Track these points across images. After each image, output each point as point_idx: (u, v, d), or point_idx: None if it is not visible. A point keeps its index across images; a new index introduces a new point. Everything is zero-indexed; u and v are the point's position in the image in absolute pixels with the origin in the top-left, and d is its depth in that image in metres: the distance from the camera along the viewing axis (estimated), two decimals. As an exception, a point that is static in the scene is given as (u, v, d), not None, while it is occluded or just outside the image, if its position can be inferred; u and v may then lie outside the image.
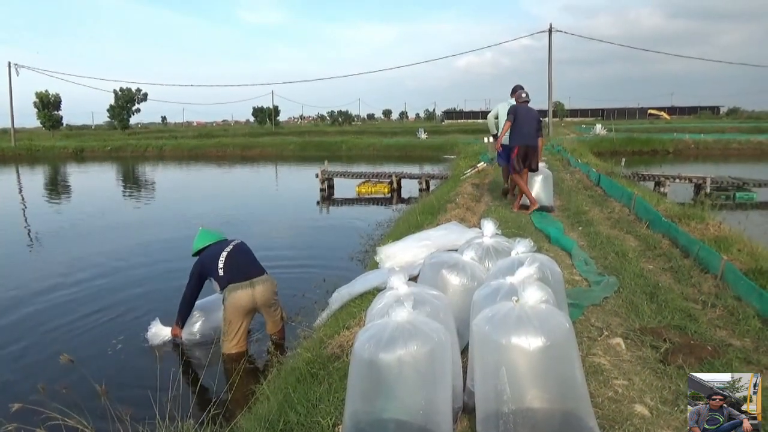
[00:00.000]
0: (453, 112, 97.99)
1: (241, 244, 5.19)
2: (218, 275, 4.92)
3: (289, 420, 2.62)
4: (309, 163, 25.97)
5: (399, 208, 12.69)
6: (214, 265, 4.96)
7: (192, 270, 5.10)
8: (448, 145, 27.77)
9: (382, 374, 2.08)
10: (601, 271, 4.52)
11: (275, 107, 77.80)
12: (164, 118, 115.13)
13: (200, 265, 5.07)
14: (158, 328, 5.21)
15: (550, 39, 29.76)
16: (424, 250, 4.87)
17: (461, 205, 7.66)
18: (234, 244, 5.13)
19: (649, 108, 77.22)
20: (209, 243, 5.18)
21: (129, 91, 62.08)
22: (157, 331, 5.19)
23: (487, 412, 2.16)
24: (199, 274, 5.07)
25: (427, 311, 2.39)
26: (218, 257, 4.97)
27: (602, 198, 8.45)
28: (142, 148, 38.57)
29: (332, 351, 3.38)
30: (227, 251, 5.00)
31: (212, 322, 5.24)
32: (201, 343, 5.18)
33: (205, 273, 5.05)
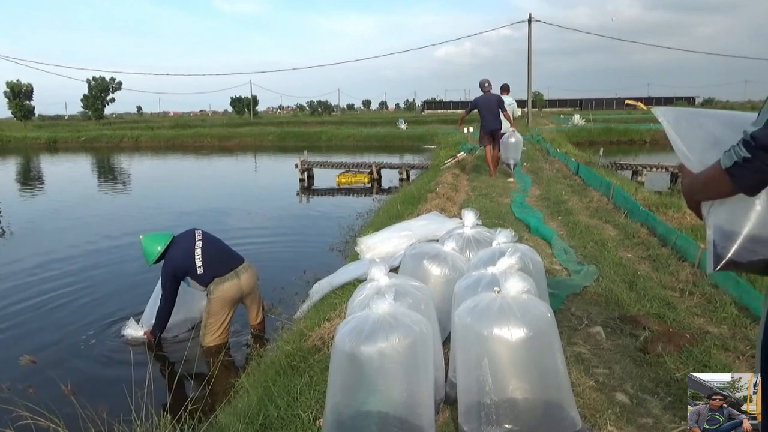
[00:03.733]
0: (433, 102, 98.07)
1: (207, 234, 4.95)
2: (197, 273, 4.72)
3: (269, 414, 2.58)
4: (288, 154, 25.76)
5: (379, 198, 12.65)
6: (188, 264, 4.71)
7: (163, 276, 4.80)
8: (428, 135, 27.77)
9: (363, 367, 2.06)
10: (580, 260, 4.54)
11: (254, 97, 77.17)
12: (140, 108, 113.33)
13: (172, 268, 4.75)
14: (134, 329, 5.01)
15: (530, 29, 29.82)
16: (405, 240, 4.86)
17: (441, 195, 7.65)
18: (201, 236, 4.88)
19: (626, 98, 78.00)
20: (166, 244, 4.85)
21: (103, 81, 60.95)
22: (133, 332, 4.99)
23: (470, 404, 2.15)
24: (174, 277, 4.78)
25: (408, 303, 2.36)
26: (192, 255, 4.72)
27: (581, 187, 8.51)
28: (117, 138, 37.83)
29: (313, 343, 3.34)
30: (199, 247, 4.77)
31: (181, 315, 5.08)
32: (175, 338, 5.09)
33: (179, 275, 4.78)
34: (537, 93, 63.37)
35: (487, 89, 9.46)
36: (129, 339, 4.97)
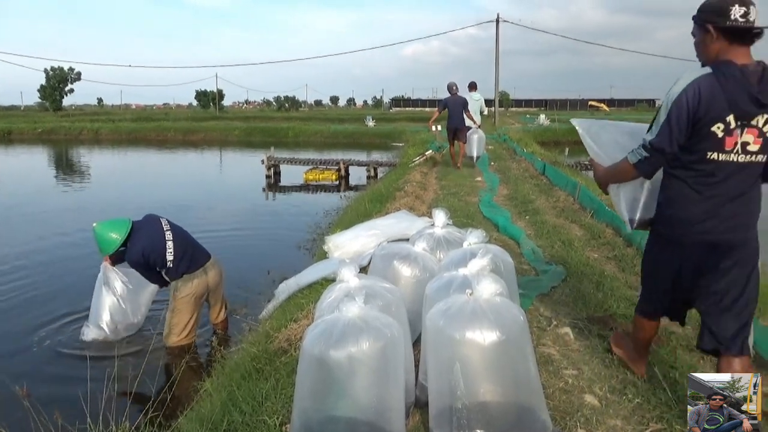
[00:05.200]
0: (401, 100, 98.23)
1: (174, 225, 4.72)
2: (167, 267, 4.51)
3: (234, 420, 2.50)
4: (254, 149, 25.40)
5: (347, 195, 12.56)
6: (158, 256, 4.47)
7: (134, 267, 4.56)
8: (396, 133, 27.75)
9: (332, 372, 2.00)
10: (548, 260, 4.57)
11: (219, 91, 75.80)
12: (100, 99, 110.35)
13: (141, 256, 4.45)
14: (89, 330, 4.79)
15: (498, 29, 30.13)
16: (374, 239, 4.81)
17: (410, 194, 7.63)
18: (169, 227, 4.64)
19: (589, 100, 79.70)
20: (125, 233, 4.47)
21: (61, 71, 59.11)
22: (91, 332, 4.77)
23: (441, 408, 2.12)
24: (147, 265, 4.52)
25: (379, 305, 2.31)
26: (163, 246, 4.49)
27: (548, 187, 8.61)
28: (76, 130, 36.71)
29: (279, 345, 3.25)
30: (170, 239, 4.54)
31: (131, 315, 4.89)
32: (133, 338, 4.90)
33: (150, 265, 4.53)
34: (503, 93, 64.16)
35: (454, 92, 10.59)
36: (90, 340, 4.76)
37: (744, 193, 2.10)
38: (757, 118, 2.01)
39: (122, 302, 4.82)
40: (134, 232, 4.51)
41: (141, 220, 4.66)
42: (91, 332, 4.78)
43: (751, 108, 1.99)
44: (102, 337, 4.75)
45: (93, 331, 4.77)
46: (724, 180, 2.08)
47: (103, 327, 4.76)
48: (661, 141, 2.10)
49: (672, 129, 2.07)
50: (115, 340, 4.75)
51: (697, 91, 2.02)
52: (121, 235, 4.46)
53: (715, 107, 2.01)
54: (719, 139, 2.03)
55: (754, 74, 1.99)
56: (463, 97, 10.77)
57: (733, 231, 2.12)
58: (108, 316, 4.78)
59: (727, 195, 2.09)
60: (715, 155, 2.05)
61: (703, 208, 2.12)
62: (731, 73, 1.99)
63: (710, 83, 2.02)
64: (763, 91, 1.98)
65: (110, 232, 4.47)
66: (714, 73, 2.03)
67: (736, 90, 1.98)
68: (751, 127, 2.01)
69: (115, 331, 4.80)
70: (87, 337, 4.77)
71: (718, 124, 2.02)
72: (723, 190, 2.09)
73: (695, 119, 2.03)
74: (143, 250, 4.46)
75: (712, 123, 2.02)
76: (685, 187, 2.15)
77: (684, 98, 2.04)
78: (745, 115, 2.00)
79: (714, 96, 2.00)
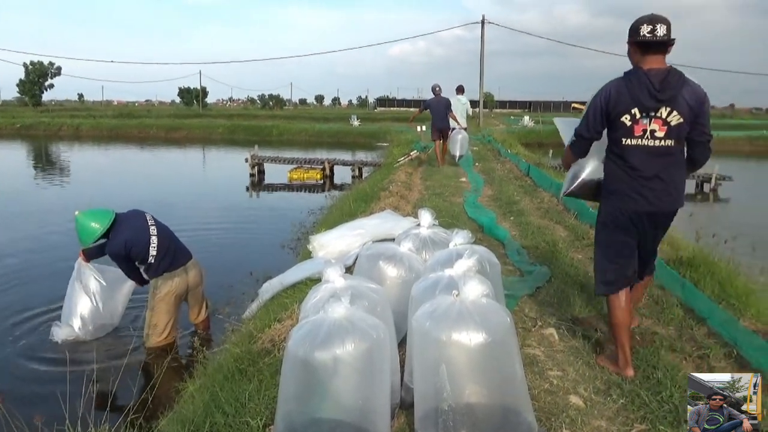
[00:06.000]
0: (386, 100, 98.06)
1: (158, 221, 4.64)
2: (149, 262, 4.43)
3: (216, 421, 2.45)
4: (238, 148, 25.22)
5: (332, 195, 12.52)
6: (141, 250, 4.38)
7: (114, 258, 4.42)
8: (381, 133, 27.73)
9: (317, 374, 1.98)
10: (533, 261, 4.58)
11: (203, 88, 75.23)
12: (81, 95, 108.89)
13: (123, 248, 4.34)
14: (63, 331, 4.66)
15: (483, 30, 30.26)
16: (359, 239, 4.79)
17: (395, 194, 7.61)
18: (153, 222, 4.56)
19: (573, 101, 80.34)
20: (107, 224, 4.33)
21: (41, 65, 58.13)
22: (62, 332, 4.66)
23: (427, 410, 2.10)
24: (127, 258, 4.42)
25: (364, 305, 2.29)
26: (147, 241, 4.40)
27: (532, 188, 8.65)
28: (56, 126, 36.15)
29: (263, 346, 3.22)
30: (155, 234, 4.46)
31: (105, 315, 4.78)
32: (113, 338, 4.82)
33: (132, 258, 4.44)
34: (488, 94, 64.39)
35: (437, 93, 10.99)
36: (61, 341, 4.64)
37: (664, 172, 2.61)
38: (660, 111, 2.54)
39: (96, 301, 4.70)
40: (117, 224, 4.40)
41: (125, 213, 4.57)
42: (62, 332, 4.65)
43: (651, 102, 2.53)
44: (73, 337, 4.64)
45: (64, 331, 4.65)
46: (640, 163, 2.61)
47: (75, 326, 4.65)
48: (581, 129, 2.74)
49: (589, 120, 2.69)
50: (86, 340, 4.65)
51: (608, 92, 2.62)
52: (102, 225, 4.32)
53: (622, 103, 2.58)
54: (628, 127, 2.60)
55: (657, 76, 2.51)
56: (447, 99, 11.15)
57: (664, 202, 2.65)
58: (80, 315, 4.66)
59: (647, 173, 2.61)
60: (629, 141, 2.62)
61: (632, 185, 2.64)
62: (637, 77, 2.56)
63: (619, 85, 2.61)
64: (663, 90, 2.51)
65: (91, 221, 4.34)
66: (623, 78, 2.63)
67: (639, 89, 2.54)
68: (657, 117, 2.55)
69: (87, 331, 4.68)
70: (57, 337, 4.63)
71: (626, 116, 2.59)
72: (644, 170, 2.61)
73: (607, 113, 2.63)
74: (126, 242, 4.35)
75: (620, 115, 2.60)
76: (617, 168, 2.69)
77: (598, 98, 2.65)
78: (647, 108, 2.55)
79: (621, 95, 2.58)
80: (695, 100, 2.53)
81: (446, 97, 11.20)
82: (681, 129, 2.55)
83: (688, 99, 2.52)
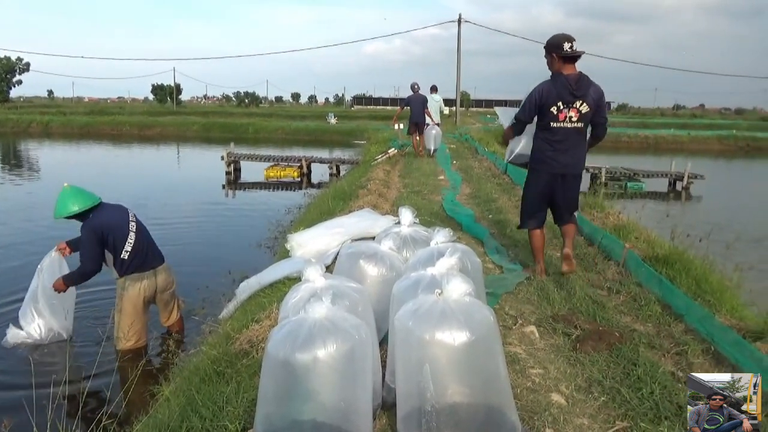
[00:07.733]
0: (363, 98, 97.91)
1: (139, 220, 4.56)
2: (120, 257, 4.31)
3: (193, 426, 2.38)
4: (213, 145, 24.90)
5: (309, 193, 12.43)
6: (118, 239, 4.27)
7: (86, 236, 4.21)
8: (358, 131, 27.68)
9: (298, 375, 1.93)
10: (512, 259, 4.59)
11: (177, 85, 74.03)
12: (51, 92, 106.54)
13: (101, 233, 4.22)
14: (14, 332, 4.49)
15: (459, 29, 30.38)
16: (337, 237, 4.73)
17: (373, 192, 7.57)
18: (134, 219, 4.48)
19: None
20: (84, 207, 4.25)
21: (9, 61, 56.56)
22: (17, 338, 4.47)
23: (409, 410, 2.07)
24: (100, 242, 4.24)
25: (345, 305, 2.25)
26: (126, 235, 4.31)
27: (510, 186, 8.69)
28: (25, 123, 35.26)
29: (241, 347, 3.15)
30: (134, 230, 4.38)
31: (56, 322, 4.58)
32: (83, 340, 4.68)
33: (103, 242, 4.27)
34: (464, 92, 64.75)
35: (416, 90, 12.07)
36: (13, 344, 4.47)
37: (575, 146, 3.82)
38: (575, 103, 3.67)
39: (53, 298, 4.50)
40: (99, 210, 4.34)
41: (111, 204, 4.51)
42: (17, 334, 4.47)
43: (570, 98, 3.67)
44: (32, 340, 4.47)
45: (19, 334, 4.47)
46: (562, 138, 3.77)
47: (34, 325, 4.47)
48: (519, 115, 3.90)
49: (526, 109, 3.83)
50: (43, 342, 4.49)
51: (541, 90, 3.73)
52: (80, 206, 4.23)
53: (551, 98, 3.69)
54: (555, 115, 3.72)
55: (573, 79, 3.66)
56: (424, 95, 12.33)
57: (573, 167, 3.89)
58: (41, 313, 4.50)
59: (564, 146, 3.79)
60: (555, 124, 3.75)
61: (552, 155, 3.83)
62: (560, 80, 3.67)
63: (548, 85, 3.73)
64: (578, 89, 3.65)
65: (71, 199, 4.25)
66: (550, 80, 3.74)
67: (562, 89, 3.66)
68: (573, 107, 3.69)
69: (46, 332, 4.51)
70: (11, 339, 4.45)
71: (553, 107, 3.70)
72: (562, 143, 3.78)
73: (539, 105, 3.74)
74: (104, 226, 4.26)
75: (550, 106, 3.71)
76: (543, 142, 3.85)
77: (533, 94, 3.76)
78: (568, 102, 3.68)
79: (549, 92, 3.70)
80: (598, 95, 3.71)
81: (423, 94, 12.32)
82: (588, 115, 3.73)
83: (593, 94, 3.68)
